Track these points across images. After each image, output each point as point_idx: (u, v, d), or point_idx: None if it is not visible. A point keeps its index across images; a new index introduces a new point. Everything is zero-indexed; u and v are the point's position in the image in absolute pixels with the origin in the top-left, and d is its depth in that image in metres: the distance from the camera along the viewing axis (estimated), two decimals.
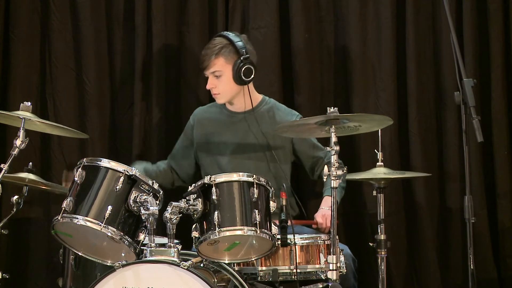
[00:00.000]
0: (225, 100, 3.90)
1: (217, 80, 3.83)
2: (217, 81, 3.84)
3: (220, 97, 3.88)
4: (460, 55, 3.22)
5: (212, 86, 3.85)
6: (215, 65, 3.81)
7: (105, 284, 3.00)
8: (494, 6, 4.31)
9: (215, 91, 3.86)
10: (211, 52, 3.81)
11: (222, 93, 3.86)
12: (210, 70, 3.82)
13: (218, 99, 3.89)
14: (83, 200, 3.14)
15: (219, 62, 3.81)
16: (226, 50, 3.80)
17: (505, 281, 4.28)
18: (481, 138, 3.08)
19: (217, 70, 3.81)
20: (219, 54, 3.80)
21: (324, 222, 3.69)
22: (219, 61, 3.81)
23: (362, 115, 3.56)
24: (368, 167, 3.69)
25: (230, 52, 3.80)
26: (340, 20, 4.38)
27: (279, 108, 3.98)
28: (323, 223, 3.69)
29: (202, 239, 3.14)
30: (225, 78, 3.82)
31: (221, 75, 3.82)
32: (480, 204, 4.22)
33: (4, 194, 3.43)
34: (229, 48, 3.80)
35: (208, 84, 3.86)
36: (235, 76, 3.80)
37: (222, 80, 3.83)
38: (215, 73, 3.82)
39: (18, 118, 3.30)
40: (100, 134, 4.32)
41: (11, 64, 4.30)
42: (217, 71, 3.82)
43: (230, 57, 3.80)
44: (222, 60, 3.80)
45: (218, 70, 3.81)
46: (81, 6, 4.32)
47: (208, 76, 3.85)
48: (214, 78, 3.84)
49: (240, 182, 3.20)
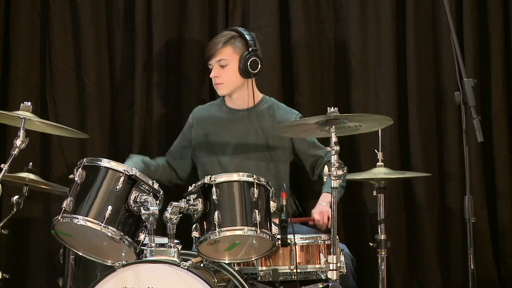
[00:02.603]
0: (227, 92, 3.87)
1: (222, 69, 3.81)
2: (222, 71, 3.82)
3: (223, 87, 3.85)
4: (460, 55, 3.22)
5: (216, 75, 3.83)
6: (221, 53, 3.79)
7: (105, 284, 3.00)
8: (494, 6, 4.31)
9: (219, 80, 3.83)
10: (218, 41, 3.80)
11: (225, 83, 3.84)
12: (216, 58, 3.80)
13: (220, 89, 3.86)
14: (83, 200, 3.14)
15: (226, 51, 3.80)
16: (235, 41, 3.81)
17: (505, 281, 4.28)
18: (481, 138, 3.08)
19: (223, 59, 3.80)
20: (227, 43, 3.80)
21: (321, 218, 3.67)
22: (226, 50, 3.80)
23: (362, 115, 3.56)
24: (368, 167, 3.69)
25: (238, 43, 3.80)
26: (340, 20, 4.39)
27: (279, 106, 3.97)
28: (320, 219, 3.68)
29: (202, 239, 3.14)
30: (230, 69, 3.80)
31: (227, 64, 3.80)
32: (480, 204, 4.22)
33: (4, 194, 3.43)
34: (238, 39, 3.81)
35: (212, 73, 3.83)
36: (242, 67, 3.78)
37: (227, 70, 3.81)
38: (220, 62, 3.80)
39: (18, 118, 3.29)
40: (100, 134, 4.32)
41: (11, 64, 4.30)
42: (223, 60, 3.80)
43: (238, 48, 3.80)
44: (230, 49, 3.80)
45: (225, 58, 3.80)
46: (81, 6, 4.32)
47: (213, 66, 3.82)
48: (219, 68, 3.82)
49: (240, 182, 3.20)
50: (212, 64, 3.83)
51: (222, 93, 3.88)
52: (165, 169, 3.98)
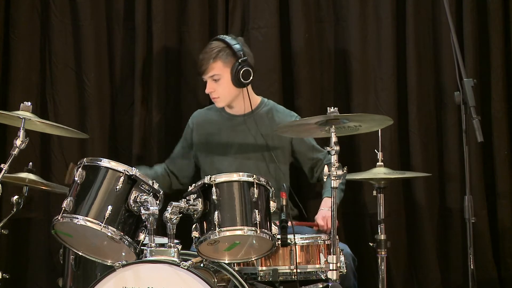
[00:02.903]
0: (225, 104, 3.89)
1: (216, 84, 3.82)
2: (216, 85, 3.82)
3: (220, 100, 3.87)
4: (460, 55, 3.22)
5: (211, 90, 3.84)
6: (213, 69, 3.79)
7: (105, 284, 3.00)
8: (494, 6, 4.31)
9: (215, 95, 3.85)
10: (208, 56, 3.79)
11: (221, 97, 3.85)
12: (209, 74, 3.81)
13: (217, 102, 3.88)
14: (83, 200, 3.14)
15: (217, 66, 3.79)
16: (224, 54, 3.79)
17: (505, 281, 4.28)
18: (481, 138, 3.08)
19: (216, 74, 3.80)
20: (216, 57, 3.78)
21: (325, 224, 3.67)
22: (217, 64, 3.79)
23: (362, 115, 3.56)
24: (368, 167, 3.69)
25: (228, 55, 3.78)
26: (340, 20, 4.39)
27: (278, 109, 3.97)
28: (324, 225, 3.68)
29: (202, 239, 3.14)
30: (224, 82, 3.81)
31: (220, 78, 3.80)
32: (480, 204, 4.22)
33: (4, 194, 3.42)
34: (227, 51, 3.79)
35: (207, 88, 3.84)
36: (234, 79, 3.78)
37: (221, 83, 3.81)
38: (213, 77, 3.81)
39: (18, 118, 3.29)
40: (100, 134, 4.32)
41: (11, 64, 4.30)
42: (215, 75, 3.80)
43: (228, 60, 3.78)
44: (220, 63, 3.79)
45: (217, 73, 3.80)
46: (81, 6, 4.32)
47: (207, 80, 3.84)
48: (213, 82, 3.82)
49: (240, 182, 3.20)
50: (205, 78, 3.84)
51: (221, 106, 3.89)
52: (164, 177, 3.97)
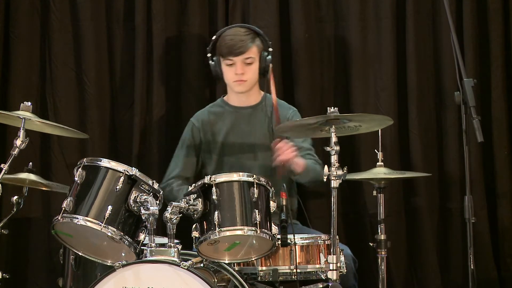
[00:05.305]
0: (247, 89, 3.87)
1: (247, 67, 3.81)
2: (247, 68, 3.81)
3: (246, 84, 3.85)
4: (460, 55, 3.23)
5: (243, 72, 3.81)
6: (250, 51, 3.79)
7: (105, 284, 3.00)
8: (494, 6, 4.31)
9: (244, 77, 3.82)
10: (246, 39, 3.80)
11: (249, 81, 3.84)
12: (245, 56, 3.79)
13: (242, 85, 3.84)
14: (83, 200, 3.14)
15: (253, 50, 3.80)
16: (259, 40, 3.83)
17: (505, 281, 4.28)
18: (481, 138, 3.08)
19: (251, 57, 3.80)
20: (253, 41, 3.81)
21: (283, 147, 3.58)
22: (254, 48, 3.81)
23: (362, 115, 3.56)
24: (368, 167, 3.69)
25: (261, 43, 3.83)
26: (340, 20, 4.39)
27: (279, 103, 3.96)
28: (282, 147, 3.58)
29: (202, 239, 3.14)
30: (254, 67, 3.81)
31: (253, 62, 3.81)
32: (480, 204, 4.22)
33: (4, 194, 3.42)
34: (259, 39, 3.84)
35: (238, 69, 3.79)
36: (262, 67, 3.81)
37: (252, 68, 3.82)
38: (247, 60, 3.80)
39: (18, 118, 3.29)
40: (100, 134, 4.32)
41: (11, 64, 4.30)
42: (250, 58, 3.80)
43: (260, 48, 3.82)
44: (255, 48, 3.81)
45: (252, 56, 3.80)
46: (81, 6, 4.32)
47: (235, 62, 3.79)
48: (244, 65, 3.81)
49: (240, 182, 3.20)
50: (235, 60, 3.80)
51: (242, 90, 3.87)
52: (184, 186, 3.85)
